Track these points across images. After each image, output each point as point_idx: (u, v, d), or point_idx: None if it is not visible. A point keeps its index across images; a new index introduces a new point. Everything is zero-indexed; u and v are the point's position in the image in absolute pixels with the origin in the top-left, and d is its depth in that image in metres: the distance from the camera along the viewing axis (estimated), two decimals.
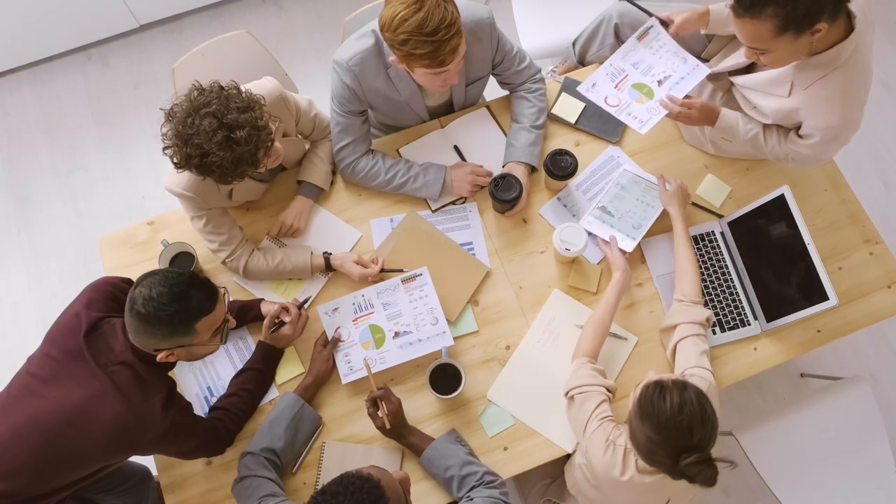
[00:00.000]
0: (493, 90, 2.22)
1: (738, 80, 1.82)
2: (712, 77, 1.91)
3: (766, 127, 1.82)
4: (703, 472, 1.34)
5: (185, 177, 1.67)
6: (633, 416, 1.44)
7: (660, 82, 1.93)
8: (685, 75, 1.92)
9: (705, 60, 2.02)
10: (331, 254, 1.88)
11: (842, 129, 1.62)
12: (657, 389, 1.40)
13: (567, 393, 1.66)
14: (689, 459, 1.33)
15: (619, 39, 2.14)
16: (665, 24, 1.95)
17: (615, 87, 1.93)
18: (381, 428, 1.69)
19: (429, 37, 1.53)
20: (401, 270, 1.87)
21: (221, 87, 1.54)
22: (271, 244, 1.93)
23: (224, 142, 1.48)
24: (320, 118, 1.94)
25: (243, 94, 1.55)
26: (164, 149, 1.54)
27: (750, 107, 1.82)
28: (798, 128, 1.75)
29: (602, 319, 1.75)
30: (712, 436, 1.36)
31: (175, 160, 1.53)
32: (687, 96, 1.87)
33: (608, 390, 1.63)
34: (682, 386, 1.40)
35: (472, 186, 1.96)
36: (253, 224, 1.97)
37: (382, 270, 1.86)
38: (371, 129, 2.05)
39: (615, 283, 1.79)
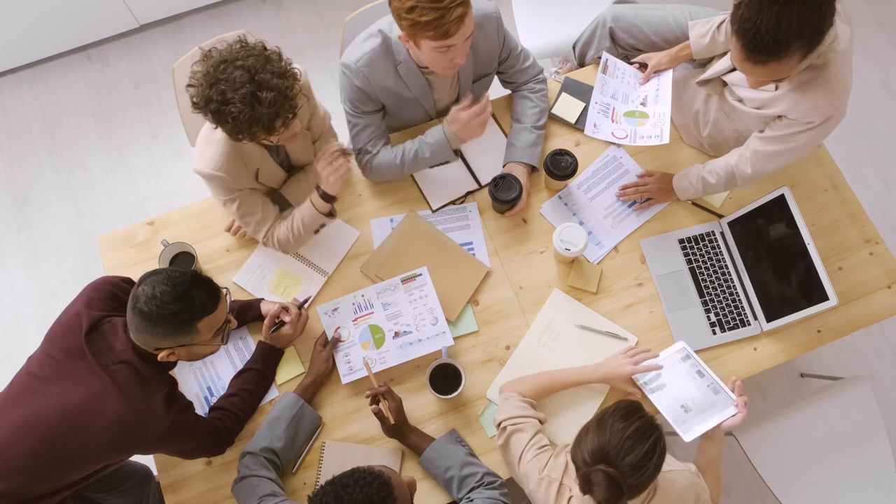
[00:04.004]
0: (493, 90, 2.22)
1: (728, 77, 1.84)
2: (703, 83, 1.92)
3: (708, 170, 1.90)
4: (604, 488, 1.29)
5: (215, 157, 1.68)
6: (591, 420, 1.39)
7: (643, 104, 2.02)
8: (658, 87, 2.01)
9: (702, 66, 2.03)
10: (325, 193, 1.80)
11: (833, 112, 1.61)
12: (630, 408, 1.35)
13: (499, 424, 1.63)
14: (602, 467, 1.29)
15: (615, 42, 2.15)
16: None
17: (612, 120, 1.99)
18: (384, 427, 1.69)
19: (435, 3, 1.53)
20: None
21: (265, 48, 1.55)
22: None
23: (248, 97, 1.48)
24: (329, 132, 1.95)
25: (283, 62, 1.56)
26: (188, 86, 1.55)
27: (735, 98, 1.83)
28: (761, 130, 1.76)
29: (553, 384, 1.70)
30: (634, 474, 1.29)
31: (194, 100, 1.54)
32: (643, 175, 2.00)
33: (539, 422, 1.61)
34: (653, 426, 1.33)
35: (478, 125, 1.84)
36: None
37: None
38: None
39: (590, 375, 1.72)
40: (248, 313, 1.83)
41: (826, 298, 1.70)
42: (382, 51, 1.77)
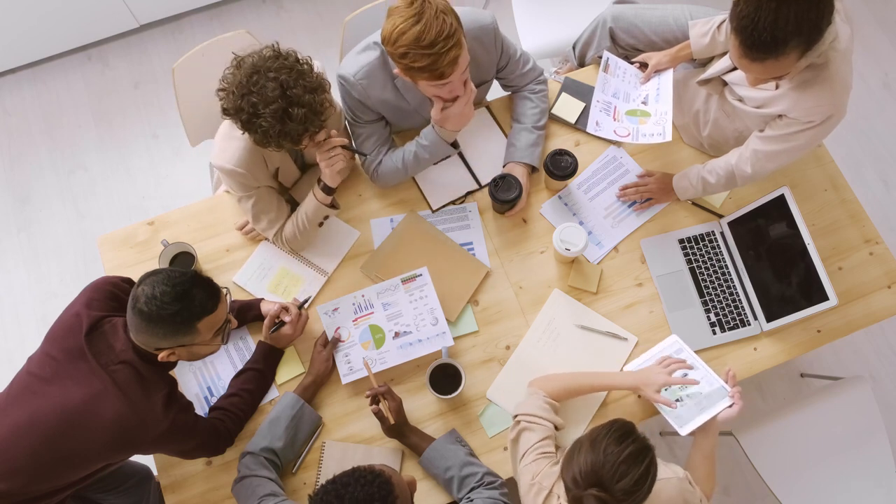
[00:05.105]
0: (492, 91, 2.22)
1: (728, 76, 1.84)
2: (703, 82, 1.92)
3: (708, 170, 1.89)
4: None
5: (236, 153, 1.69)
6: (586, 435, 1.38)
7: (644, 102, 2.02)
8: (658, 86, 2.01)
9: (702, 66, 2.04)
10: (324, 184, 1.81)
11: (833, 111, 1.61)
12: (624, 430, 1.33)
13: (516, 416, 1.63)
14: (594, 492, 1.28)
15: (615, 42, 2.15)
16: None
17: (614, 118, 1.98)
18: (384, 427, 1.69)
19: (426, 49, 1.53)
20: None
21: (297, 59, 1.56)
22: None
23: (279, 112, 1.50)
24: (344, 132, 1.94)
25: (314, 74, 1.57)
26: (218, 90, 1.56)
27: (735, 98, 1.83)
28: (761, 129, 1.76)
29: (582, 386, 1.69)
30: (627, 499, 1.28)
31: (224, 105, 1.56)
32: (642, 175, 2.01)
33: (556, 427, 1.60)
34: (646, 449, 1.32)
35: (469, 110, 1.79)
36: None
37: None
38: None
39: (621, 381, 1.70)
40: (248, 313, 1.83)
41: (826, 298, 1.70)
42: (380, 64, 1.76)
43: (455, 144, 1.91)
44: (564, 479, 1.36)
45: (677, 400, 1.69)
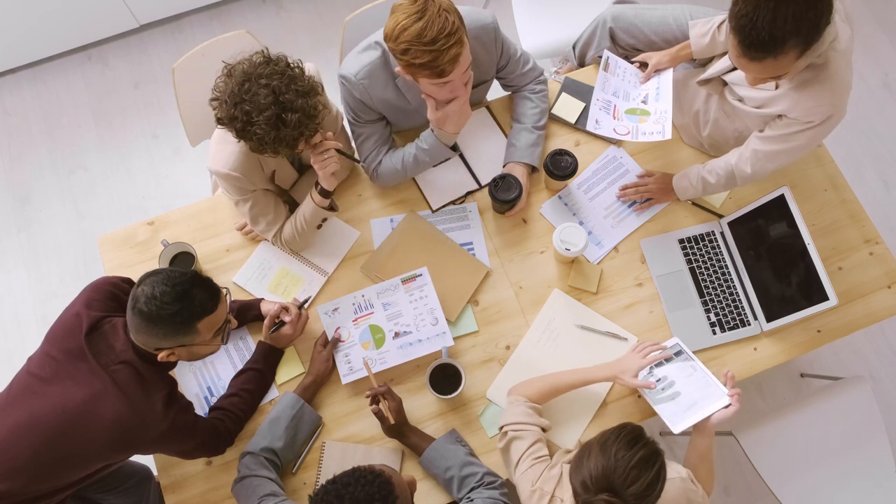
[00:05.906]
0: (492, 90, 2.22)
1: (728, 76, 1.84)
2: (703, 82, 1.92)
3: (708, 169, 1.89)
4: None
5: (231, 157, 1.69)
6: (595, 439, 1.37)
7: (644, 101, 2.01)
8: (658, 85, 2.01)
9: (702, 66, 2.04)
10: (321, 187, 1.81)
11: (833, 111, 1.61)
12: (634, 434, 1.33)
13: (501, 427, 1.62)
14: (605, 497, 1.28)
15: (615, 42, 2.15)
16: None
17: (613, 117, 1.97)
18: (384, 427, 1.69)
19: (427, 46, 1.53)
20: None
21: (288, 64, 1.56)
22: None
23: (273, 119, 1.50)
24: (342, 134, 1.94)
25: (306, 77, 1.57)
26: (211, 100, 1.56)
27: (735, 98, 1.83)
28: (761, 129, 1.76)
29: (560, 386, 1.68)
30: (638, 503, 1.29)
31: (218, 115, 1.56)
32: (642, 175, 2.01)
33: (542, 429, 1.60)
34: (657, 452, 1.32)
35: (467, 109, 1.81)
36: None
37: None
38: None
39: (597, 374, 1.69)
40: (248, 313, 1.83)
41: (826, 298, 1.70)
42: (381, 63, 1.76)
43: (455, 147, 1.91)
44: (573, 484, 1.35)
45: (672, 400, 1.69)
